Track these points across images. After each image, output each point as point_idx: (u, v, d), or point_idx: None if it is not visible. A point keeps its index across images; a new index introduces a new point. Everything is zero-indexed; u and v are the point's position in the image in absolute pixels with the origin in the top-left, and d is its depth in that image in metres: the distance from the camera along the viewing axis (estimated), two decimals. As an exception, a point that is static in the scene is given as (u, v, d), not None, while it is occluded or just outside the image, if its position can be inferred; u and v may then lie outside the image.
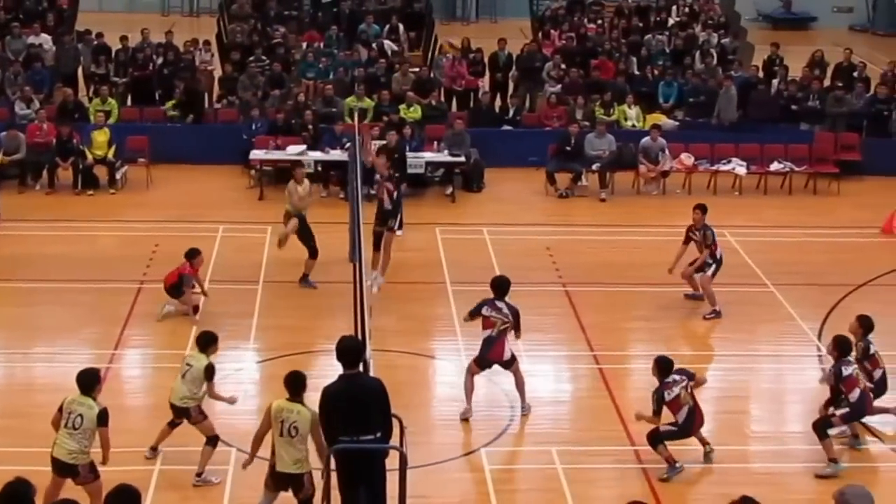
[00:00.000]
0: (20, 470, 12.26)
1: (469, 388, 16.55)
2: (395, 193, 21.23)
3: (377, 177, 21.91)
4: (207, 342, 15.08)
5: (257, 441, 13.40)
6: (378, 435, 12.36)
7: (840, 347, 15.71)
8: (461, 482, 15.20)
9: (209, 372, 14.85)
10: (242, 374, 18.34)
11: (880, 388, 16.31)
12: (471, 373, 16.56)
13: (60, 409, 13.69)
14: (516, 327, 16.59)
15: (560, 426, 16.65)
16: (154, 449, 15.35)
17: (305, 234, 20.89)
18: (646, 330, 20.25)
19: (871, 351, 16.35)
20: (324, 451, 12.71)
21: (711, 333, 20.04)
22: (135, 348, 19.32)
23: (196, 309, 20.04)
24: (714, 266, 20.37)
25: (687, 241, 20.76)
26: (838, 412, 15.49)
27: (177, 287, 19.96)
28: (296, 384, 13.19)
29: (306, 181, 21.26)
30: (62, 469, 13.46)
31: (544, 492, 14.97)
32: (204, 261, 20.58)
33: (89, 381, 13.90)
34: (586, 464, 15.35)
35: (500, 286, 16.81)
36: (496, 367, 16.58)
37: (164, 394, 17.51)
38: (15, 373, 18.64)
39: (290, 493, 13.24)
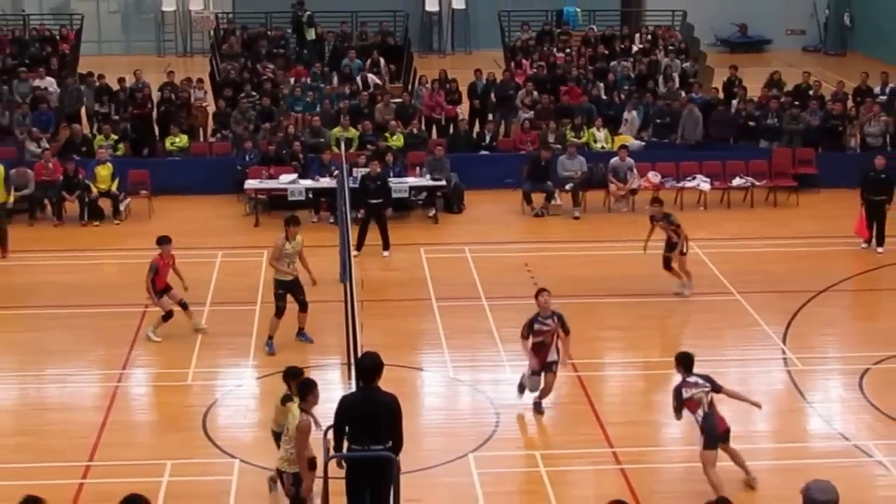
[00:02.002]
0: (34, 484, 12.33)
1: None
2: None
3: None
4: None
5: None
6: (388, 446, 12.42)
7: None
8: (451, 486, 15.19)
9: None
10: (243, 390, 18.35)
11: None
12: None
13: None
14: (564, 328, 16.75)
15: (542, 431, 16.68)
16: None
17: (296, 289, 19.59)
18: (620, 338, 20.30)
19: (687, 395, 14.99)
20: (301, 457, 12.96)
21: (681, 339, 20.05)
22: (141, 368, 19.27)
23: (169, 315, 19.85)
24: (681, 243, 21.23)
25: (652, 224, 21.67)
26: None
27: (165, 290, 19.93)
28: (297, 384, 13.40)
29: (299, 237, 19.41)
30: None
31: (528, 494, 15.00)
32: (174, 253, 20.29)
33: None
34: (568, 466, 15.38)
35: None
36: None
37: (168, 410, 17.64)
38: (28, 393, 18.61)
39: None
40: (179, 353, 19.39)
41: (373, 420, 12.47)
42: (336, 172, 24.46)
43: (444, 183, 27.18)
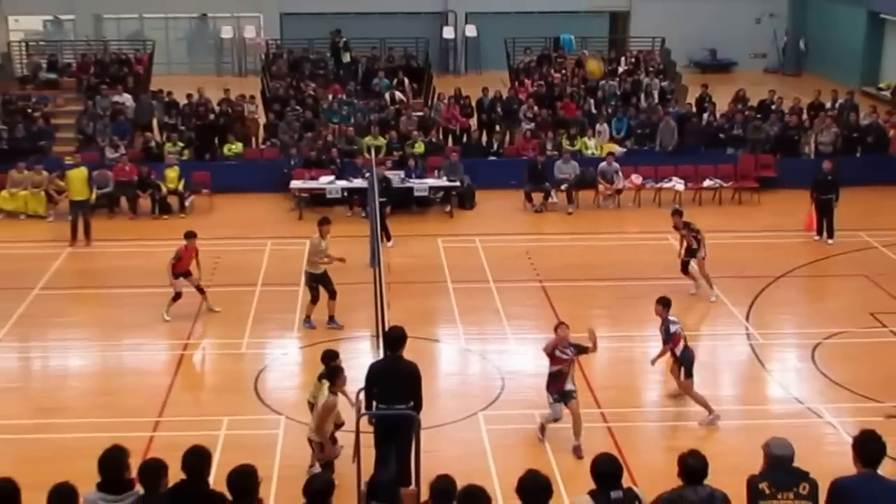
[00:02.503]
0: (114, 436, 12.35)
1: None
2: None
3: None
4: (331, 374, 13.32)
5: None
6: (410, 405, 12.47)
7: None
8: (463, 440, 15.20)
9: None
10: (287, 358, 18.39)
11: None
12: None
13: None
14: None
15: (540, 394, 16.62)
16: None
17: (327, 281, 19.49)
18: (607, 316, 20.22)
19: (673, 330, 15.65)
20: (321, 430, 13.03)
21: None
22: (203, 339, 19.34)
23: (178, 296, 19.73)
24: (701, 249, 20.79)
25: (677, 232, 21.24)
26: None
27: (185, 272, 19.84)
28: (326, 368, 13.40)
29: (329, 237, 19.39)
30: None
31: (529, 447, 14.95)
32: (197, 247, 20.01)
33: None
34: (562, 424, 15.32)
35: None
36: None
37: (225, 374, 17.67)
38: (108, 360, 18.63)
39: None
40: (235, 327, 19.43)
41: (398, 383, 12.50)
42: (367, 174, 24.46)
43: (458, 183, 27.15)
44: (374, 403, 12.63)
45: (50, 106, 32.80)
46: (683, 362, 15.52)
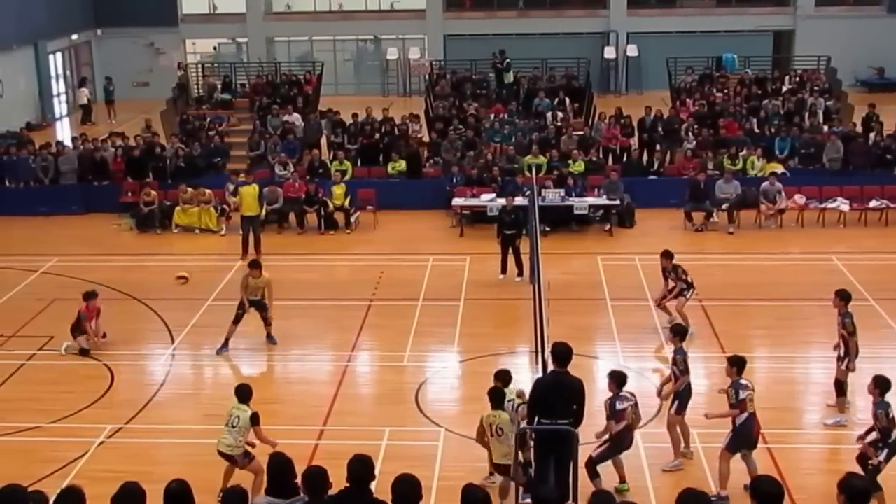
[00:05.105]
0: (280, 443, 12.66)
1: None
2: None
3: None
4: (248, 394, 13.59)
5: (480, 442, 13.63)
6: (570, 421, 12.41)
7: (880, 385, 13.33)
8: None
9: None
10: (448, 371, 18.51)
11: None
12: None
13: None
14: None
15: (697, 413, 16.39)
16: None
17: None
18: (767, 336, 19.83)
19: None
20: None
21: (818, 338, 19.46)
22: (365, 350, 19.63)
23: (86, 352, 19.08)
24: (690, 291, 19.70)
25: (665, 278, 20.00)
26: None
27: (76, 325, 19.23)
28: (497, 398, 13.38)
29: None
30: (227, 459, 13.51)
31: (685, 465, 14.71)
32: (99, 306, 19.49)
33: (246, 393, 13.65)
34: (717, 443, 15.04)
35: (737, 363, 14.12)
36: None
37: (387, 386, 17.85)
38: (276, 369, 19.10)
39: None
40: (397, 339, 19.66)
41: (562, 399, 12.46)
42: (528, 192, 24.50)
43: (618, 202, 27.00)
44: (536, 418, 12.61)
45: (224, 125, 33.87)
46: (679, 397, 14.82)
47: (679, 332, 15.35)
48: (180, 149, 30.31)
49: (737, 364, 13.96)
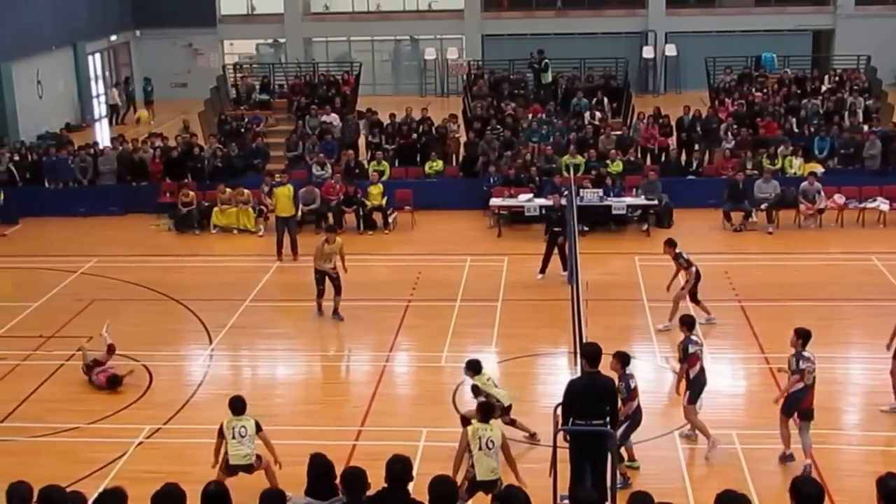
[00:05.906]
0: (319, 444, 12.69)
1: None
2: None
3: None
4: (243, 405, 13.63)
5: (458, 459, 12.93)
6: (606, 420, 12.39)
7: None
8: (659, 457, 14.98)
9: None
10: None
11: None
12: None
13: (221, 433, 13.49)
14: None
15: (737, 414, 16.33)
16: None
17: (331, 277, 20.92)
18: (807, 337, 19.66)
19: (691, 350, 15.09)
20: (512, 460, 12.90)
21: (858, 338, 19.35)
22: (404, 351, 19.62)
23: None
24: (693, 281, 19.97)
25: (678, 268, 20.36)
26: None
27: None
28: (486, 411, 13.32)
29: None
30: (243, 470, 13.46)
31: (723, 466, 14.60)
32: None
33: (241, 406, 13.68)
34: (759, 444, 14.98)
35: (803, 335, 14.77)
36: None
37: (425, 386, 17.83)
38: (314, 369, 19.16)
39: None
40: (435, 340, 19.65)
41: (597, 399, 12.43)
42: (566, 193, 24.43)
43: (656, 202, 26.89)
44: (571, 419, 12.58)
45: (262, 126, 34.02)
46: (693, 385, 15.00)
47: (687, 322, 15.56)
48: (218, 149, 30.48)
49: (802, 336, 14.60)
